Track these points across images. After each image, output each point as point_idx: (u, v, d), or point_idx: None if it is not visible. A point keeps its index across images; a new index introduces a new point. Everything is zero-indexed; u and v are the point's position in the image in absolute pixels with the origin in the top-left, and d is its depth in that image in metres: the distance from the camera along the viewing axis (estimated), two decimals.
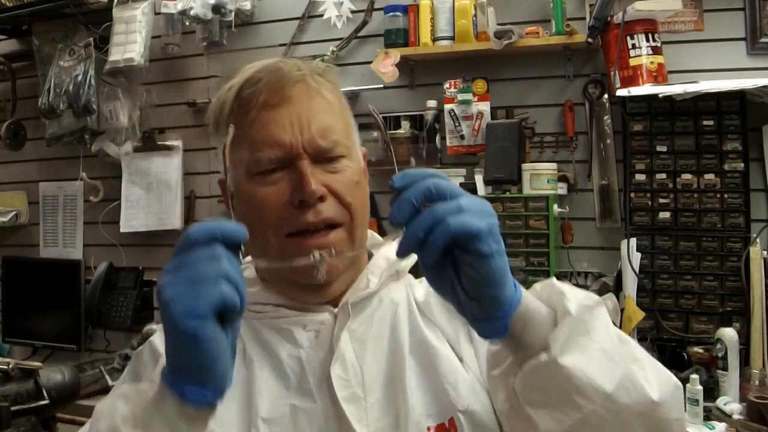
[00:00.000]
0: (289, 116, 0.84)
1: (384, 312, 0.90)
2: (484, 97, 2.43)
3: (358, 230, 0.87)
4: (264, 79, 0.85)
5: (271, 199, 0.83)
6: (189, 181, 2.90)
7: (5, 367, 1.50)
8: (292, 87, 0.85)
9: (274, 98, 0.84)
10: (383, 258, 0.94)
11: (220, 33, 2.73)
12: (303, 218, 0.82)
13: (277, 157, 0.83)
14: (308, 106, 0.85)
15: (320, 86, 0.87)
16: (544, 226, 2.22)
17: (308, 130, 0.83)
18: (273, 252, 0.84)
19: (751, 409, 1.72)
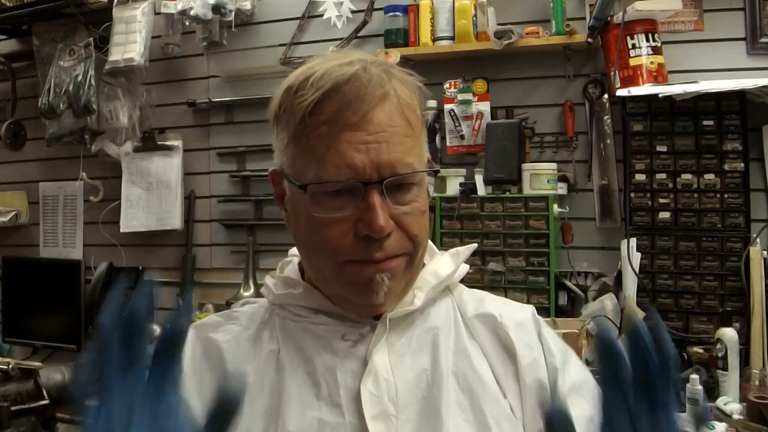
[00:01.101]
0: (365, 138, 0.77)
1: (426, 327, 0.86)
2: (484, 97, 2.43)
3: (419, 255, 0.84)
4: (346, 93, 0.77)
5: (333, 225, 0.79)
6: (189, 181, 2.90)
7: (5, 367, 1.50)
8: (375, 107, 0.77)
9: (352, 117, 0.77)
10: (432, 273, 0.90)
11: (220, 33, 2.73)
12: (367, 254, 0.78)
13: (347, 180, 0.77)
14: (389, 128, 0.78)
15: (403, 102, 0.80)
16: (544, 226, 2.22)
17: (386, 157, 0.77)
18: (328, 274, 0.82)
19: (751, 409, 1.72)
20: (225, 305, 2.68)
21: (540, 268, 2.23)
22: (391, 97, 0.79)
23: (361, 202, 0.77)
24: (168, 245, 2.94)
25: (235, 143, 2.83)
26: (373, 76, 0.78)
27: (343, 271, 0.80)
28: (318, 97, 0.77)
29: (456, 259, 0.92)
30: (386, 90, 0.79)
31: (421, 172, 0.81)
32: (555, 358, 0.86)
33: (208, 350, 0.85)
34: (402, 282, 0.83)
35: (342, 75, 0.78)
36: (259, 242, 2.78)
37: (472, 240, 2.29)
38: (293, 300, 0.87)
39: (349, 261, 0.79)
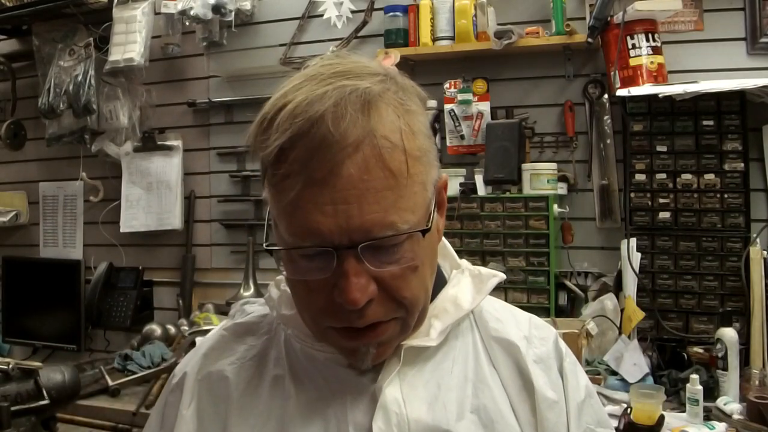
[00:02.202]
0: (333, 199, 0.65)
1: (441, 356, 0.80)
2: (484, 97, 2.43)
3: (415, 316, 0.74)
4: (310, 142, 0.66)
5: (311, 292, 0.71)
6: (189, 181, 2.90)
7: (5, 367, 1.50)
8: (345, 157, 0.65)
9: (317, 173, 0.65)
10: (451, 300, 0.81)
11: (220, 33, 2.73)
12: (347, 320, 0.70)
13: (315, 246, 0.67)
14: (361, 183, 0.65)
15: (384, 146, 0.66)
16: (544, 226, 2.22)
17: (357, 222, 0.66)
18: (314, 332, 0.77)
19: (751, 409, 1.72)
20: (225, 305, 2.68)
21: (540, 268, 2.23)
22: (366, 143, 0.66)
23: (336, 267, 0.68)
24: (168, 245, 2.94)
25: (235, 143, 2.83)
26: (347, 114, 0.65)
27: (327, 336, 0.74)
28: (279, 145, 0.67)
29: (479, 285, 0.84)
30: (361, 134, 0.66)
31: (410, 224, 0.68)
32: (574, 396, 0.83)
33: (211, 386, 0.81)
34: (393, 345, 0.76)
35: (309, 115, 0.66)
36: (259, 242, 2.78)
37: (472, 240, 2.29)
38: (298, 326, 0.80)
39: (332, 328, 0.72)
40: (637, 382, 1.89)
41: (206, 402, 0.80)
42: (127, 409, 2.09)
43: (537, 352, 0.83)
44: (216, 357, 0.83)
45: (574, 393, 0.83)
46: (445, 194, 0.79)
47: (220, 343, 0.85)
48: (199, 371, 0.82)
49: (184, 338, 2.44)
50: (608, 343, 2.08)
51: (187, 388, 0.81)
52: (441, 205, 0.78)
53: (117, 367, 2.39)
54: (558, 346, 0.86)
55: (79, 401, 1.95)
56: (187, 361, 0.85)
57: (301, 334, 0.80)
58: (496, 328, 0.84)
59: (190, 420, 0.80)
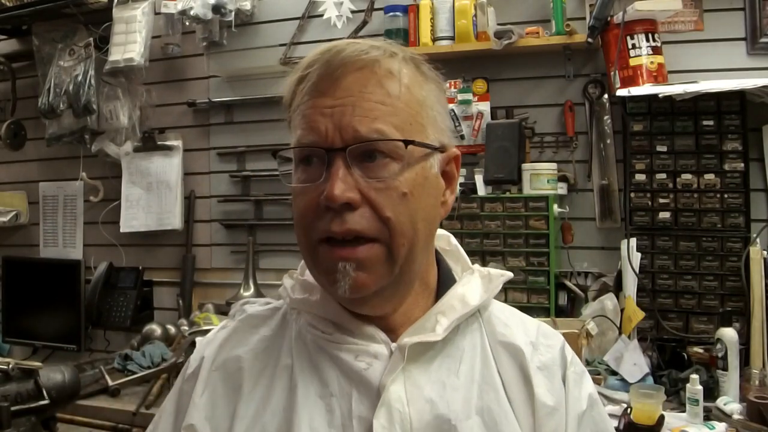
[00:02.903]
0: (332, 103, 0.74)
1: (447, 356, 0.81)
2: (484, 97, 2.43)
3: (402, 248, 0.75)
4: (318, 63, 0.77)
5: (302, 195, 0.76)
6: (189, 181, 2.90)
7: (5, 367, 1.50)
8: (348, 72, 0.75)
9: (323, 83, 0.76)
10: (458, 298, 0.83)
11: (220, 33, 2.73)
12: (327, 225, 0.74)
13: (312, 143, 0.75)
14: (358, 93, 0.74)
15: (386, 73, 0.76)
16: (544, 226, 2.22)
17: (348, 119, 0.73)
18: (306, 258, 0.79)
19: (751, 409, 1.72)
20: (225, 305, 2.68)
21: (540, 268, 2.23)
22: (370, 67, 0.76)
23: (326, 170, 0.74)
24: (168, 245, 2.94)
25: (235, 143, 2.83)
26: (357, 49, 0.76)
27: (317, 254, 0.77)
28: (300, 71, 0.78)
29: (487, 284, 0.87)
30: (367, 60, 0.76)
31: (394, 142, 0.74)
32: (575, 406, 0.83)
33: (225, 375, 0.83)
34: (382, 278, 0.76)
35: (325, 48, 0.78)
36: (259, 242, 2.78)
37: (472, 240, 2.29)
38: (309, 307, 0.84)
39: (321, 241, 0.75)
40: (637, 382, 1.89)
41: (219, 391, 0.82)
42: (127, 409, 2.09)
43: (542, 359, 0.84)
44: (231, 347, 0.85)
45: (575, 403, 0.83)
46: (456, 169, 0.83)
47: (236, 334, 0.87)
48: (215, 360, 0.84)
49: (184, 338, 2.44)
50: (608, 343, 2.08)
51: (201, 377, 0.84)
52: (450, 179, 0.82)
53: (117, 367, 2.39)
54: (564, 354, 0.86)
55: (79, 401, 1.95)
56: (203, 350, 0.87)
57: (311, 317, 0.83)
58: (504, 332, 0.84)
59: (203, 408, 0.82)
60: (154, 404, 2.08)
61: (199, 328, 2.34)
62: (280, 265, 2.72)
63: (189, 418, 0.82)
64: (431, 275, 0.85)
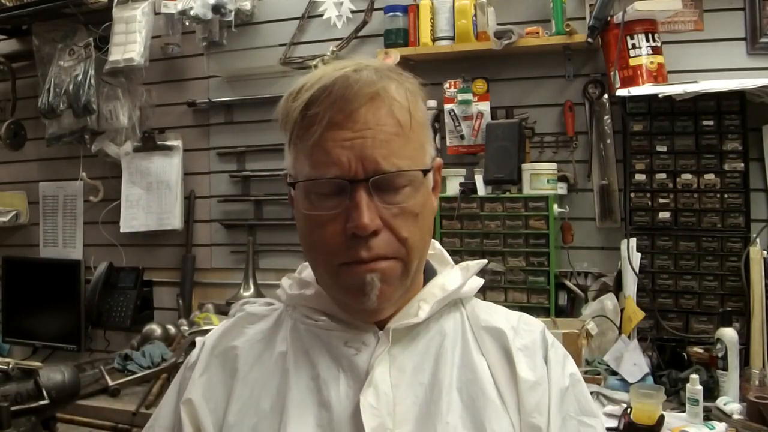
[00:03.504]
0: (351, 136, 0.78)
1: (430, 342, 0.87)
2: (484, 97, 2.43)
3: (414, 262, 0.83)
4: (333, 93, 0.79)
5: (324, 225, 0.80)
6: (189, 181, 2.90)
7: (5, 367, 1.50)
8: (362, 105, 0.79)
9: (338, 116, 0.78)
10: (439, 286, 0.90)
11: (220, 33, 2.73)
12: (355, 253, 0.79)
13: (335, 178, 0.78)
14: (375, 126, 0.79)
15: (394, 102, 0.81)
16: (544, 226, 2.22)
17: (369, 152, 0.78)
18: (326, 278, 0.84)
19: (751, 409, 1.72)
20: (225, 305, 2.68)
21: (540, 268, 2.23)
22: (380, 97, 0.80)
23: (348, 201, 0.78)
24: (168, 245, 2.94)
25: (235, 143, 2.83)
26: (362, 77, 0.80)
27: (339, 275, 0.81)
28: (307, 98, 0.80)
29: (465, 273, 0.93)
30: (375, 90, 0.79)
31: (411, 172, 0.80)
32: (557, 382, 0.87)
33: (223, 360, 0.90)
34: (398, 289, 0.83)
35: (331, 77, 0.80)
36: (259, 242, 2.78)
37: (472, 240, 2.29)
38: (304, 301, 0.90)
39: (343, 264, 0.80)
40: (637, 382, 1.88)
41: (217, 374, 0.89)
42: (127, 409, 2.09)
43: (523, 341, 0.89)
44: (231, 338, 0.91)
45: (557, 380, 0.87)
46: (438, 176, 0.90)
47: (235, 326, 0.93)
48: (215, 347, 0.91)
49: (184, 338, 2.44)
50: (608, 343, 2.08)
51: (202, 359, 0.90)
52: (435, 186, 0.89)
53: (117, 367, 2.39)
54: (545, 337, 0.91)
55: (79, 401, 1.95)
56: (203, 340, 0.93)
57: (305, 310, 0.89)
58: (486, 318, 0.90)
59: (200, 386, 0.88)
60: (154, 404, 2.08)
61: (199, 328, 2.34)
62: (280, 265, 2.72)
63: (188, 393, 0.88)
64: (420, 275, 0.91)
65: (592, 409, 0.90)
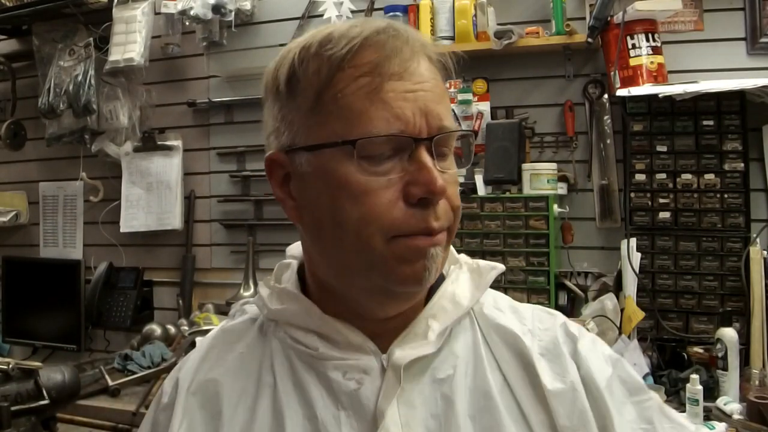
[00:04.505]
0: (413, 88, 0.69)
1: (440, 368, 0.75)
2: (484, 97, 2.43)
3: (454, 231, 0.75)
4: (389, 42, 0.69)
5: (378, 193, 0.67)
6: (189, 181, 2.90)
7: (5, 367, 1.50)
8: (414, 56, 0.70)
9: (396, 66, 0.69)
10: (449, 298, 0.78)
11: (220, 33, 2.73)
12: (425, 222, 0.68)
13: (398, 134, 0.67)
14: (431, 80, 0.71)
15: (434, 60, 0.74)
16: (544, 226, 2.22)
17: (433, 106, 0.69)
18: (366, 260, 0.69)
19: (751, 409, 1.72)
20: (225, 305, 2.68)
21: (540, 268, 2.23)
22: (425, 53, 0.73)
23: (410, 163, 0.68)
24: (168, 245, 2.94)
25: (235, 143, 2.83)
26: (407, 31, 0.72)
27: (393, 249, 0.68)
28: (358, 43, 0.69)
29: (477, 279, 0.81)
30: (419, 44, 0.72)
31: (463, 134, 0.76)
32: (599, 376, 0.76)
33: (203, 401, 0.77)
34: (444, 260, 0.75)
35: (375, 26, 0.71)
36: (259, 242, 2.78)
37: (472, 240, 2.29)
38: (289, 318, 0.77)
39: (400, 235, 0.68)
40: None
41: (198, 419, 0.76)
42: (127, 409, 2.09)
43: (542, 344, 0.78)
44: (207, 368, 0.79)
45: (599, 372, 0.77)
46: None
47: (210, 353, 0.81)
48: (191, 384, 0.78)
49: (184, 338, 2.44)
50: (608, 343, 2.03)
51: (178, 404, 0.77)
52: None
53: (117, 367, 2.39)
54: (566, 330, 0.80)
55: (79, 401, 1.95)
56: (175, 375, 0.81)
57: (291, 329, 0.76)
58: (498, 324, 0.80)
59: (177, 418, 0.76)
60: None
61: (199, 328, 2.34)
62: None
63: None
64: None
65: (639, 385, 0.79)
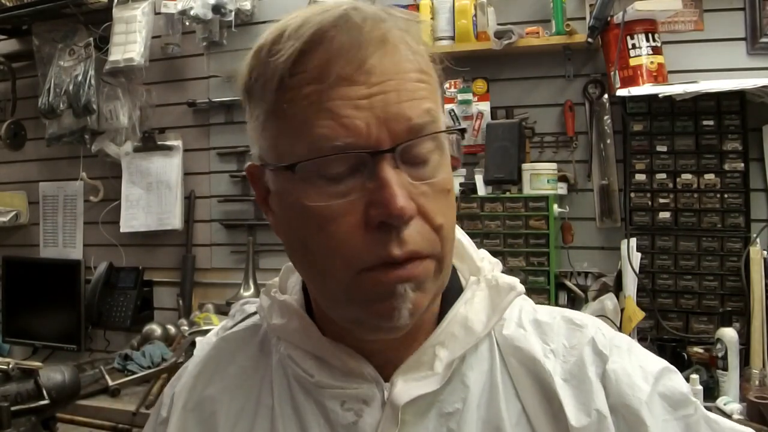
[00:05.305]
0: (368, 93, 0.57)
1: (447, 399, 0.66)
2: (484, 97, 2.43)
3: (448, 257, 0.64)
4: (337, 38, 0.58)
5: (337, 219, 0.59)
6: (189, 181, 2.90)
7: (5, 367, 1.50)
8: (374, 52, 0.58)
9: (347, 68, 0.58)
10: (460, 322, 0.68)
11: (220, 33, 2.73)
12: (385, 250, 0.58)
13: (347, 148, 0.57)
14: (397, 75, 0.59)
15: (411, 44, 0.62)
16: (544, 226, 2.22)
17: (395, 109, 0.58)
18: (339, 291, 0.61)
19: (751, 409, 1.72)
20: (225, 305, 2.68)
21: (540, 268, 2.23)
22: (394, 39, 0.60)
23: (370, 180, 0.58)
24: (168, 245, 2.94)
25: (235, 143, 2.83)
26: (367, 15, 0.60)
27: (359, 285, 0.60)
28: (298, 48, 0.59)
29: (495, 299, 0.70)
30: (387, 29, 0.60)
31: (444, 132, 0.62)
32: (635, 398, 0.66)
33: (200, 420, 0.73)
34: (429, 295, 0.63)
35: (326, 18, 0.59)
36: (259, 242, 2.78)
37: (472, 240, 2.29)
38: (288, 336, 0.71)
39: (364, 270, 0.59)
40: None
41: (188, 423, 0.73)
42: (127, 409, 2.09)
43: (566, 366, 0.68)
44: (205, 382, 0.74)
45: (632, 397, 0.66)
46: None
47: (209, 364, 0.76)
48: (188, 400, 0.74)
49: (184, 338, 2.44)
50: None
51: (174, 419, 0.73)
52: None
53: (117, 367, 2.39)
54: (596, 349, 0.69)
55: (79, 401, 1.95)
56: (173, 388, 0.77)
57: (290, 348, 0.71)
58: (517, 347, 0.69)
59: None
60: (154, 404, 2.08)
61: (199, 328, 2.34)
62: (279, 265, 2.68)
63: None
64: None
65: (683, 394, 0.68)
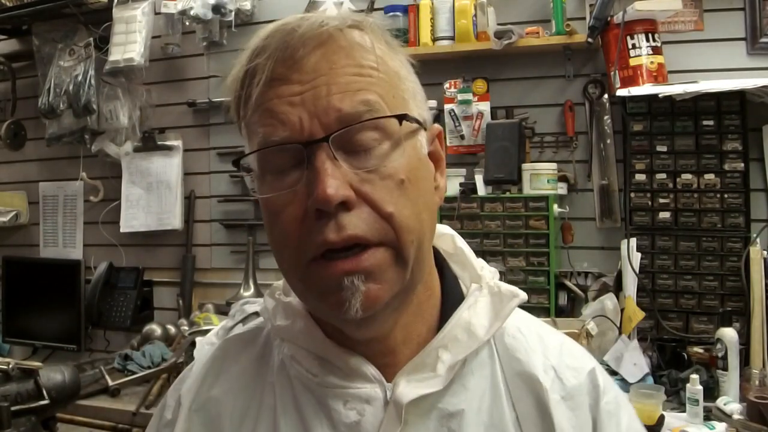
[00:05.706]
0: (300, 90, 0.62)
1: (449, 401, 0.68)
2: (484, 97, 2.43)
3: (410, 248, 0.63)
4: (271, 47, 0.63)
5: (284, 209, 0.62)
6: (189, 181, 2.90)
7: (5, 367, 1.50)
8: (309, 51, 0.62)
9: (279, 68, 0.63)
10: (463, 327, 0.69)
11: (220, 33, 2.73)
12: (321, 236, 0.60)
13: (285, 140, 0.61)
14: (329, 71, 0.62)
15: (354, 44, 0.64)
16: (544, 226, 2.22)
17: (325, 102, 0.61)
18: (298, 283, 0.66)
19: (751, 409, 1.72)
20: (225, 305, 2.68)
21: (540, 268, 2.23)
22: (333, 40, 0.63)
23: (308, 170, 0.61)
24: (168, 245, 2.94)
25: (235, 143, 2.83)
26: (309, 22, 0.64)
27: (310, 277, 0.63)
28: (245, 67, 0.66)
29: (497, 305, 0.72)
30: (323, 32, 0.63)
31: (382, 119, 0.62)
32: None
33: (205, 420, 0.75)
34: (393, 285, 0.63)
35: (267, 31, 0.66)
36: (259, 242, 2.78)
37: (472, 240, 2.29)
38: (292, 337, 0.72)
39: (313, 261, 0.62)
40: (637, 382, 1.89)
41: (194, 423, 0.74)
42: (127, 409, 2.09)
43: (566, 385, 0.70)
44: (210, 383, 0.76)
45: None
46: (441, 147, 0.73)
47: (215, 366, 0.78)
48: (194, 401, 0.75)
49: (184, 338, 2.44)
50: (608, 343, 2.08)
51: (180, 420, 0.75)
52: (437, 159, 0.71)
53: (117, 367, 2.39)
54: (594, 380, 0.72)
55: (79, 401, 1.95)
56: (178, 390, 0.78)
57: (293, 348, 0.73)
58: (520, 359, 0.71)
59: None
60: (154, 404, 2.08)
61: (199, 328, 2.34)
62: None
63: None
64: (434, 277, 0.73)
65: None
